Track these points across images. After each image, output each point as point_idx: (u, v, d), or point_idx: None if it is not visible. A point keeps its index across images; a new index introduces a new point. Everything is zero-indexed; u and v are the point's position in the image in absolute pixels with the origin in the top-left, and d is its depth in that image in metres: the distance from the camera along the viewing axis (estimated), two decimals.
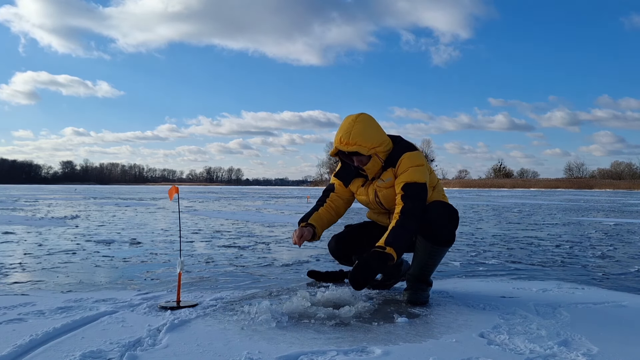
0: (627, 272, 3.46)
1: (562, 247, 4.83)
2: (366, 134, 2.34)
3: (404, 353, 1.67)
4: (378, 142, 2.37)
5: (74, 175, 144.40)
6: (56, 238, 5.11)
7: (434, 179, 2.54)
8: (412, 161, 2.36)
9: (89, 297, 2.43)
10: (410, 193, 2.31)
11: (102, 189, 46.18)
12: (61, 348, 1.67)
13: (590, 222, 8.39)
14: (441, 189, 2.60)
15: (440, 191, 2.58)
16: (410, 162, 2.36)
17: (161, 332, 1.86)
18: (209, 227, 6.63)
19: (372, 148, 2.35)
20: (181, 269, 2.36)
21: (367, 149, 2.34)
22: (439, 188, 2.58)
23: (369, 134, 2.35)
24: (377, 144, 2.36)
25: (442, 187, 2.63)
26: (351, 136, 2.33)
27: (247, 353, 1.63)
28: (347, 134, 2.34)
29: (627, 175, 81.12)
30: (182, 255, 2.44)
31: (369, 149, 2.35)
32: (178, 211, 2.77)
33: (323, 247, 4.65)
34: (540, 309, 2.31)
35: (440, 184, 2.63)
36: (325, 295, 2.34)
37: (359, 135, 2.33)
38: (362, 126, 2.35)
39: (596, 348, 1.74)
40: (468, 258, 3.99)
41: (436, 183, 2.56)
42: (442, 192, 2.60)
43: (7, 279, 2.93)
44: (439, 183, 2.60)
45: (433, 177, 2.54)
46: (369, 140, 2.34)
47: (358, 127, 2.34)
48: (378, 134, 2.38)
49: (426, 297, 2.40)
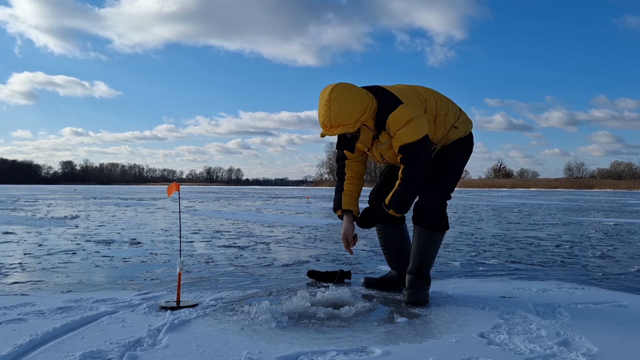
0: (627, 272, 3.46)
1: (562, 247, 4.83)
2: (345, 111, 2.21)
3: (404, 353, 1.67)
4: (360, 112, 2.24)
5: (73, 175, 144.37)
6: (56, 238, 5.11)
7: (439, 106, 2.42)
8: (398, 122, 2.24)
9: (89, 297, 2.43)
10: (406, 155, 2.28)
11: (102, 189, 46.19)
12: (61, 348, 1.67)
13: (590, 222, 8.39)
14: (453, 111, 2.47)
15: (451, 114, 2.45)
16: (396, 124, 2.24)
17: (161, 332, 1.86)
18: (209, 227, 6.63)
19: (356, 122, 2.25)
20: (181, 269, 2.36)
21: (352, 125, 2.24)
22: (450, 112, 2.45)
23: (348, 109, 2.21)
24: (360, 113, 2.24)
25: (454, 110, 2.48)
26: (332, 119, 2.22)
27: (247, 353, 1.63)
28: (327, 117, 2.22)
29: (627, 175, 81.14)
30: (182, 255, 2.44)
31: (354, 125, 2.25)
32: (178, 211, 2.77)
33: (323, 247, 4.65)
34: (540, 309, 2.31)
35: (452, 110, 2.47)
36: (325, 295, 2.34)
37: (339, 115, 2.21)
38: (338, 103, 2.21)
39: (596, 348, 1.74)
40: (468, 258, 3.99)
41: (446, 109, 2.44)
42: (456, 114, 2.47)
43: (7, 279, 2.93)
44: (449, 106, 2.46)
45: (438, 105, 2.42)
46: (351, 115, 2.22)
47: (335, 105, 2.21)
48: (357, 104, 2.24)
49: (426, 296, 2.39)
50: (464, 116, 2.54)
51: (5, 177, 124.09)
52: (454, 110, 2.49)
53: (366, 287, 2.71)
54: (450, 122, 2.46)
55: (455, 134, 2.50)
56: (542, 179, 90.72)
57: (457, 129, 2.49)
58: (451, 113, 2.47)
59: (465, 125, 2.53)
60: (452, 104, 2.51)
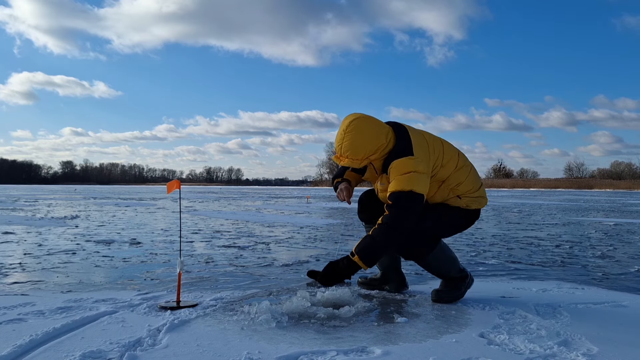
0: (627, 272, 3.46)
1: (562, 247, 4.83)
2: (356, 146, 2.25)
3: (404, 353, 1.67)
4: (371, 150, 2.28)
5: (73, 175, 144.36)
6: (56, 238, 5.11)
7: (454, 176, 2.38)
8: (398, 170, 2.24)
9: (89, 297, 2.43)
10: (392, 202, 2.23)
11: (102, 189, 46.19)
12: (61, 348, 1.67)
13: (590, 222, 8.39)
14: (471, 184, 2.41)
15: (466, 186, 2.39)
16: (396, 171, 2.25)
17: (161, 332, 1.86)
18: (209, 227, 6.63)
19: (364, 159, 2.29)
20: (181, 269, 2.36)
21: (359, 161, 2.29)
22: (465, 184, 2.39)
23: (359, 144, 2.25)
24: (370, 152, 2.28)
25: (472, 183, 2.42)
26: (342, 149, 2.29)
27: (247, 353, 1.63)
28: (339, 146, 2.30)
29: (627, 175, 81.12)
30: (182, 255, 2.44)
31: (361, 161, 2.29)
32: (179, 211, 2.76)
33: (323, 247, 4.65)
34: (540, 309, 2.31)
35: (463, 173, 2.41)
36: (325, 295, 2.34)
37: (349, 148, 2.27)
38: (351, 137, 2.26)
39: (596, 348, 1.74)
40: (468, 258, 3.99)
41: (461, 180, 2.39)
42: (473, 187, 2.41)
43: (7, 279, 2.93)
44: (468, 178, 2.41)
45: (455, 175, 2.38)
46: (360, 151, 2.26)
47: (348, 138, 2.26)
48: (370, 142, 2.26)
49: (450, 296, 2.41)
50: (480, 192, 2.46)
51: (5, 177, 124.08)
52: (473, 183, 2.44)
53: (360, 287, 2.75)
54: (459, 192, 2.40)
55: (454, 202, 2.42)
56: (542, 179, 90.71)
57: (459, 198, 2.41)
58: (466, 185, 2.41)
59: (473, 202, 2.44)
60: (475, 177, 2.46)
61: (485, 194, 2.50)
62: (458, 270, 2.45)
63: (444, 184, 2.39)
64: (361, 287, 2.74)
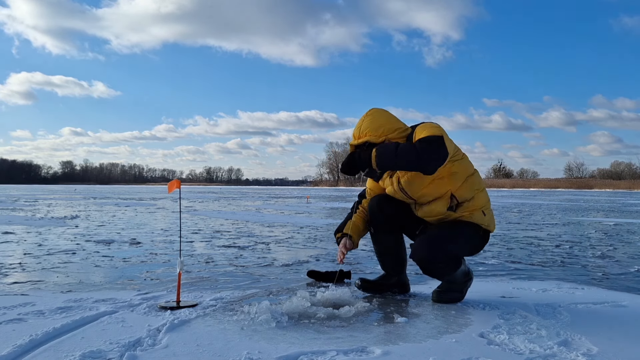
0: (627, 272, 3.46)
1: (562, 247, 4.83)
2: (375, 124, 2.30)
3: (404, 353, 1.67)
4: (390, 130, 2.29)
5: (73, 175, 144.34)
6: (56, 238, 5.11)
7: (465, 168, 2.35)
8: (424, 127, 2.24)
9: (89, 297, 2.43)
10: (423, 140, 2.15)
11: (102, 189, 46.19)
12: (61, 348, 1.67)
13: (590, 222, 8.39)
14: (477, 183, 2.38)
15: (474, 185, 2.35)
16: (422, 128, 2.24)
17: (161, 332, 1.86)
18: (209, 227, 6.63)
19: (382, 135, 2.28)
20: (181, 269, 2.36)
21: (377, 136, 2.28)
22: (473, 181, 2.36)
23: (378, 124, 2.30)
24: (388, 132, 2.29)
25: (478, 182, 2.39)
26: (361, 129, 2.33)
27: (247, 353, 1.63)
28: (357, 128, 2.35)
29: (627, 175, 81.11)
30: (182, 255, 2.44)
31: (379, 136, 2.28)
32: (179, 211, 2.76)
33: (323, 247, 4.65)
34: (540, 309, 2.31)
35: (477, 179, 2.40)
36: (325, 295, 2.34)
37: (369, 126, 2.31)
38: (371, 118, 2.33)
39: (596, 348, 1.74)
40: (468, 258, 3.98)
41: (470, 174, 2.37)
42: (478, 186, 2.37)
43: (7, 279, 2.93)
44: (473, 176, 2.38)
45: (465, 166, 2.35)
46: (379, 128, 2.29)
47: (368, 119, 2.33)
48: (389, 123, 2.32)
49: (449, 298, 2.41)
50: (490, 214, 2.46)
51: (5, 177, 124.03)
52: (487, 199, 2.44)
53: (362, 290, 2.64)
54: (481, 202, 2.38)
55: (479, 218, 2.38)
56: (542, 179, 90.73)
57: (484, 215, 2.39)
58: (485, 197, 2.41)
59: (492, 222, 2.44)
60: (487, 196, 2.46)
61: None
62: (464, 275, 2.45)
63: (469, 178, 2.35)
64: (365, 291, 2.63)
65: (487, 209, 2.43)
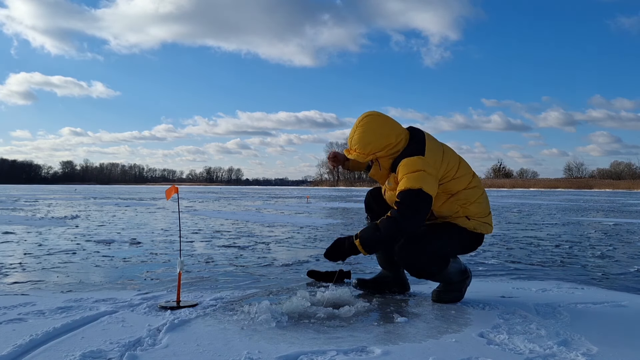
0: (626, 272, 3.46)
1: (562, 247, 4.84)
2: (364, 140, 2.28)
3: (404, 353, 1.68)
4: (378, 147, 2.28)
5: (74, 175, 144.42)
6: (56, 238, 5.11)
7: (467, 194, 2.35)
8: (407, 168, 2.22)
9: (89, 297, 2.43)
10: (401, 200, 2.20)
11: (102, 189, 46.18)
12: (61, 348, 1.67)
13: (589, 222, 8.40)
14: (471, 196, 2.37)
15: (464, 199, 2.35)
16: (405, 169, 2.22)
17: (161, 332, 1.86)
18: (209, 227, 6.63)
19: (370, 154, 2.30)
20: (181, 269, 2.36)
21: (365, 155, 2.30)
22: (475, 205, 2.37)
23: (367, 140, 2.28)
24: (377, 149, 2.29)
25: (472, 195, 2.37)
26: (352, 142, 2.34)
27: (247, 353, 1.64)
28: (350, 139, 2.36)
29: (627, 175, 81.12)
30: (182, 255, 2.45)
31: (366, 156, 2.30)
32: (178, 211, 2.77)
33: (323, 247, 4.65)
34: (540, 308, 2.31)
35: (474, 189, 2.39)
36: (325, 295, 2.34)
37: (357, 142, 2.31)
38: (361, 132, 2.29)
39: (596, 348, 1.74)
40: (468, 258, 3.99)
41: (472, 200, 2.36)
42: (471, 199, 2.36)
43: (7, 279, 2.93)
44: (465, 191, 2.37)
45: (467, 193, 2.35)
46: (367, 146, 2.28)
47: (358, 132, 2.30)
48: (379, 139, 2.27)
49: (449, 298, 2.41)
50: (488, 219, 2.44)
51: (6, 177, 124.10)
52: (483, 207, 2.41)
53: (359, 288, 2.66)
54: (469, 212, 2.36)
55: (463, 222, 2.37)
56: (541, 179, 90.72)
57: (467, 219, 2.37)
58: (477, 207, 2.38)
59: (480, 226, 2.40)
60: (485, 203, 2.44)
61: (492, 222, 2.50)
62: (460, 274, 2.45)
63: (453, 197, 2.35)
64: (362, 289, 2.65)
65: (476, 216, 2.38)
